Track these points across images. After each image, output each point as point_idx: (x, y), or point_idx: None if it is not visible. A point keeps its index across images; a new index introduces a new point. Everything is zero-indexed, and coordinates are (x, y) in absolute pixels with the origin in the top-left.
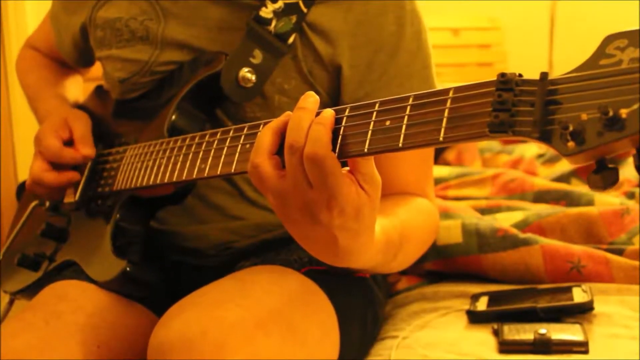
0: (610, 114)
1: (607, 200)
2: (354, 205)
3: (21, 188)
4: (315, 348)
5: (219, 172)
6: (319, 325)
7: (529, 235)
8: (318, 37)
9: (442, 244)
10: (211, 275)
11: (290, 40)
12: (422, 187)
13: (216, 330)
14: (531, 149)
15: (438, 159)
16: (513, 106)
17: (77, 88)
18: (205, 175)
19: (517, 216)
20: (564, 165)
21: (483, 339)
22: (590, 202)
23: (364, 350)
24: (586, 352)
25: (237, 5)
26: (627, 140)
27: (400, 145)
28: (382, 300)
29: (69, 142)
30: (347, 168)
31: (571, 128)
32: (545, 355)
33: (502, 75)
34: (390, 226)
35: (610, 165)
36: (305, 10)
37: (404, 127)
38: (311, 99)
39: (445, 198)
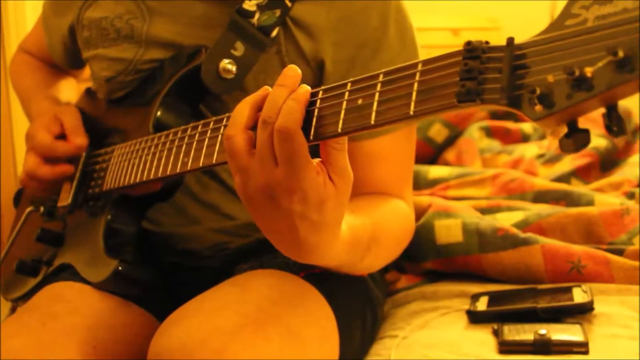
0: (577, 73)
1: (607, 201)
2: (317, 195)
3: (19, 195)
4: (315, 351)
5: (201, 164)
6: (318, 329)
7: (529, 234)
8: (301, 32)
9: (442, 243)
10: (209, 276)
11: (274, 33)
12: (399, 188)
13: (216, 339)
14: (531, 149)
15: (438, 159)
16: (480, 74)
17: (70, 90)
18: (189, 168)
19: (517, 216)
20: (564, 165)
21: (483, 339)
22: (590, 202)
23: (364, 350)
24: (586, 352)
25: (221, 1)
26: (596, 100)
27: (372, 122)
28: (381, 299)
29: (61, 137)
30: (319, 160)
31: (538, 91)
32: (545, 356)
33: (468, 43)
34: (360, 226)
35: (581, 127)
36: (289, 4)
37: (375, 104)
38: (291, 73)
39: (445, 198)
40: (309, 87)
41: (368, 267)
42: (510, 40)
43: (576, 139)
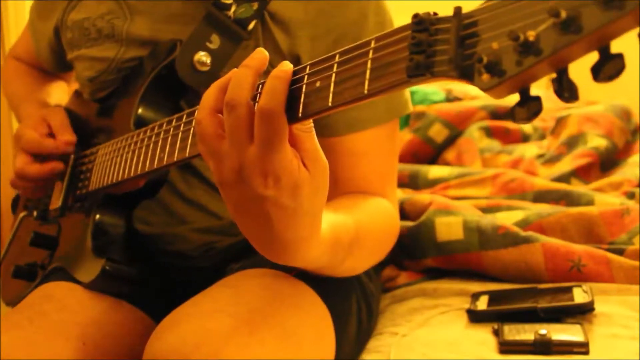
0: (521, 38)
1: (607, 200)
2: (291, 178)
3: (16, 200)
4: (311, 351)
5: (175, 159)
6: (313, 328)
7: (530, 233)
8: (278, 27)
9: (442, 240)
10: (202, 276)
11: (251, 26)
12: (382, 187)
13: (210, 343)
14: (531, 149)
15: (438, 159)
16: (429, 46)
17: (61, 94)
18: (165, 163)
19: (517, 215)
20: (564, 165)
21: (483, 338)
22: (590, 202)
23: (360, 345)
24: (586, 352)
25: None
26: (545, 64)
27: (329, 104)
28: (376, 293)
29: (49, 136)
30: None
31: (485, 60)
32: (545, 356)
33: (416, 16)
34: (341, 225)
35: (533, 95)
36: None
37: (332, 85)
38: (258, 55)
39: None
40: (291, 65)
41: (350, 269)
42: (458, 10)
43: (529, 107)
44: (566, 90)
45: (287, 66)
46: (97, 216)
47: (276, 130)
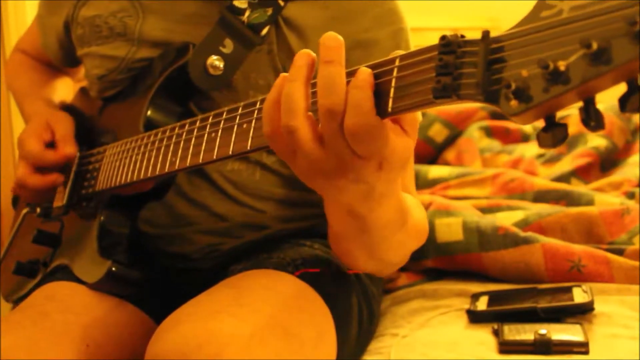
0: (551, 67)
1: (607, 200)
2: (403, 159)
3: (17, 197)
4: (312, 352)
5: (188, 164)
6: (315, 329)
7: (529, 233)
8: (292, 33)
9: (442, 241)
10: (201, 277)
11: (264, 32)
12: (406, 185)
13: (212, 343)
14: (531, 149)
15: (438, 159)
16: (456, 69)
17: (66, 90)
18: (177, 167)
19: (517, 215)
20: (564, 165)
21: (483, 339)
22: (590, 202)
23: (362, 346)
24: (586, 352)
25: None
26: (573, 94)
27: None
28: (377, 295)
29: (52, 144)
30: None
31: (514, 86)
32: (545, 356)
33: (443, 37)
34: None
35: (559, 122)
36: (282, 3)
37: None
38: (333, 43)
39: (445, 198)
40: (370, 70)
41: (402, 255)
42: (486, 34)
43: (554, 133)
44: (593, 119)
45: (364, 73)
46: (104, 217)
47: (375, 139)
